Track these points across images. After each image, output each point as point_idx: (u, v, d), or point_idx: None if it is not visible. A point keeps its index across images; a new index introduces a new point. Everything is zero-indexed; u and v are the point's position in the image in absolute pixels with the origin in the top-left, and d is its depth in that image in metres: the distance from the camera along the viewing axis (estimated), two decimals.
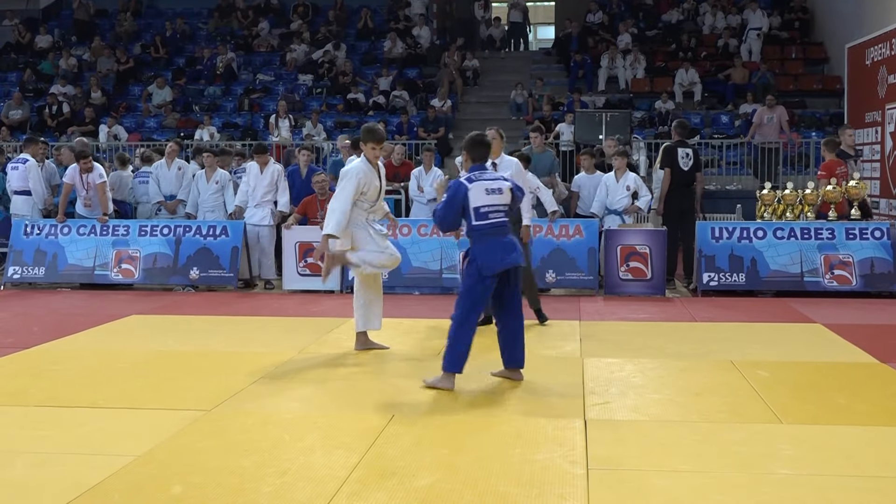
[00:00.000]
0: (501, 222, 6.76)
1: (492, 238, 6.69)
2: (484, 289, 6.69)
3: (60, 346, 8.41)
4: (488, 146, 7.15)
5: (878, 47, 15.00)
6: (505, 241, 6.73)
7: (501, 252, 6.66)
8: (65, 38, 25.43)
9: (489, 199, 6.73)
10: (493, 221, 6.72)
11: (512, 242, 6.77)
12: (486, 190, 6.74)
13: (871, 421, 5.87)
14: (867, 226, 11.47)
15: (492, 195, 6.74)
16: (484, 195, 6.72)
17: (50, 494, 4.55)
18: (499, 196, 6.77)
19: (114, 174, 13.60)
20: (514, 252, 6.72)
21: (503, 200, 6.79)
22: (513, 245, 6.75)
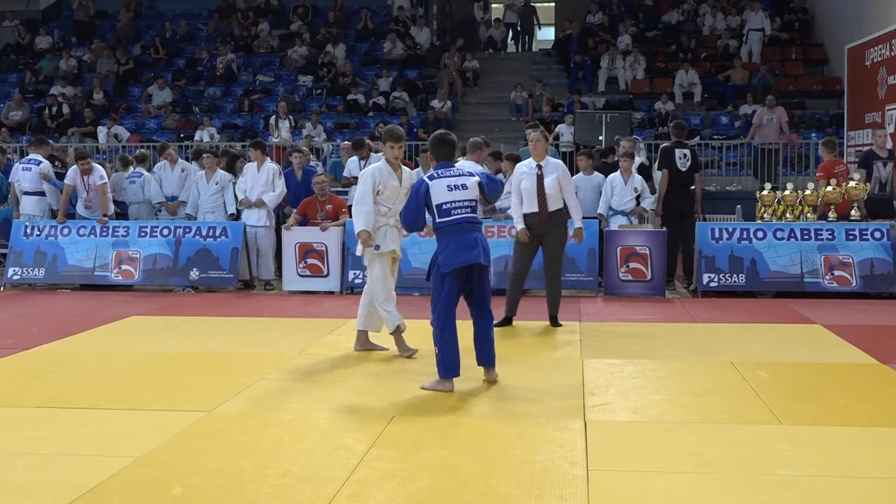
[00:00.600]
0: (465, 218, 6.71)
1: (453, 235, 6.68)
2: (449, 288, 6.68)
3: (60, 347, 8.40)
4: (451, 144, 7.07)
5: (878, 48, 15.00)
6: (467, 237, 6.67)
7: (459, 249, 6.63)
8: (65, 39, 25.44)
9: (451, 196, 6.71)
10: (456, 218, 6.70)
11: (473, 240, 6.68)
12: (448, 186, 6.74)
13: (871, 422, 5.87)
14: (867, 226, 11.47)
15: (454, 191, 6.73)
16: (445, 192, 6.73)
17: (50, 496, 4.55)
18: (462, 192, 6.74)
19: (115, 175, 13.61)
20: (474, 250, 6.64)
21: (467, 196, 6.75)
22: (474, 243, 6.66)
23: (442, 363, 6.65)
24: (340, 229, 11.92)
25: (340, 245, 11.90)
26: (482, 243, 6.74)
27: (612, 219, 11.92)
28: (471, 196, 6.77)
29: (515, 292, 9.28)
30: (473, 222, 6.76)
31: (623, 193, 11.90)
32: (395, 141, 7.63)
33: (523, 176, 9.03)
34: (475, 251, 6.63)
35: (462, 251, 6.63)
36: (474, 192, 6.79)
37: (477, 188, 6.80)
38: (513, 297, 9.29)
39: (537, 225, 9.02)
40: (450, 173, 6.83)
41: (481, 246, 6.70)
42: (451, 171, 6.87)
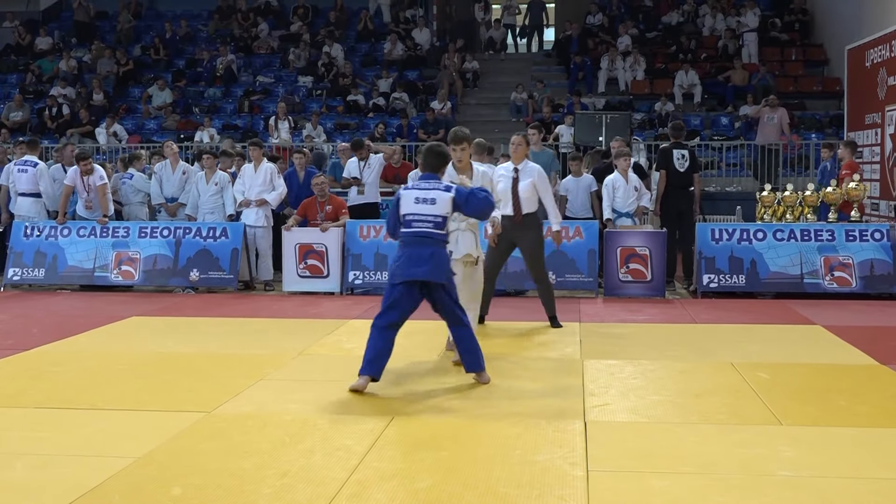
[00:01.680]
0: (423, 233, 6.66)
1: (408, 248, 6.68)
2: (393, 297, 6.69)
3: (60, 347, 8.40)
4: (440, 157, 6.98)
5: (878, 49, 14.99)
6: (420, 252, 6.63)
7: (408, 263, 6.63)
8: (65, 39, 25.44)
9: (416, 208, 6.68)
10: (415, 230, 6.67)
11: (423, 256, 6.61)
12: (416, 199, 6.71)
13: (871, 423, 5.87)
14: (867, 227, 11.48)
15: (420, 204, 6.68)
16: (412, 203, 6.71)
17: (50, 496, 4.54)
18: (429, 206, 6.67)
19: (116, 176, 13.61)
20: (423, 266, 6.59)
21: (433, 211, 6.66)
22: (424, 259, 6.60)
23: (364, 358, 6.68)
24: (340, 230, 11.92)
25: (340, 246, 11.90)
26: (436, 259, 6.64)
27: (617, 221, 11.86)
28: (437, 211, 6.66)
29: (487, 292, 9.00)
30: (432, 237, 6.66)
31: (627, 194, 11.82)
32: (456, 143, 7.53)
33: (500, 178, 8.90)
34: (423, 268, 6.59)
35: (410, 266, 6.63)
36: (444, 208, 6.67)
37: (449, 204, 6.68)
38: (484, 296, 9.15)
39: (511, 227, 8.85)
40: (424, 185, 6.78)
41: (433, 262, 6.61)
42: (428, 183, 6.79)
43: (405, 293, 6.67)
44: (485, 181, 7.59)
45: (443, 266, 6.69)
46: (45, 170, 13.10)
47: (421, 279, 6.62)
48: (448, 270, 6.76)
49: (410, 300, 6.71)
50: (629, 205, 11.83)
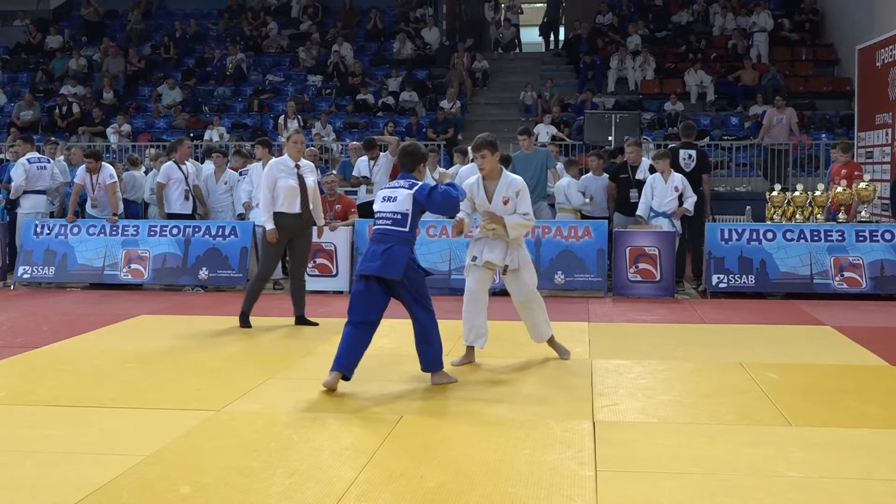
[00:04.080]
0: (383, 230, 6.75)
1: (370, 244, 6.80)
2: (356, 290, 6.81)
3: (70, 345, 8.43)
4: (409, 155, 6.94)
5: (889, 49, 14.95)
6: (375, 249, 6.71)
7: (365, 259, 6.76)
8: (75, 38, 25.52)
9: (381, 206, 6.83)
10: (378, 227, 6.80)
11: (377, 252, 6.66)
12: (383, 197, 6.86)
13: (881, 424, 5.85)
14: (877, 228, 11.44)
15: (384, 202, 6.81)
16: (380, 202, 6.87)
17: (59, 494, 4.55)
18: (391, 203, 6.77)
19: (126, 175, 13.65)
20: (374, 262, 6.64)
21: (393, 208, 6.74)
22: (378, 255, 6.64)
23: (335, 355, 6.74)
24: (349, 229, 11.93)
25: (349, 245, 11.91)
26: (388, 256, 6.64)
27: (653, 221, 11.80)
28: (398, 209, 6.73)
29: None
30: (390, 234, 6.71)
31: (664, 194, 11.76)
32: (476, 150, 7.35)
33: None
34: (374, 263, 6.65)
35: (365, 261, 6.76)
36: (404, 205, 6.73)
37: (409, 201, 6.72)
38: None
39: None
40: (394, 184, 6.92)
41: (385, 258, 6.63)
42: (398, 182, 6.90)
43: (364, 289, 6.73)
44: (510, 191, 7.31)
45: (395, 263, 6.64)
46: (53, 166, 13.16)
47: (371, 274, 6.66)
48: (404, 268, 6.65)
49: (371, 296, 6.72)
50: (666, 204, 11.73)
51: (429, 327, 6.82)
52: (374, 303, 6.74)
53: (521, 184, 7.40)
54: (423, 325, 6.81)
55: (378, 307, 6.77)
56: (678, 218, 11.76)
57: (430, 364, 6.86)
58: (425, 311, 6.81)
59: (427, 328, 6.81)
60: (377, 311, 6.78)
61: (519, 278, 7.46)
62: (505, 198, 7.30)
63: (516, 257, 7.40)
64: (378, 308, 6.77)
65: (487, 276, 7.52)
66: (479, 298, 7.48)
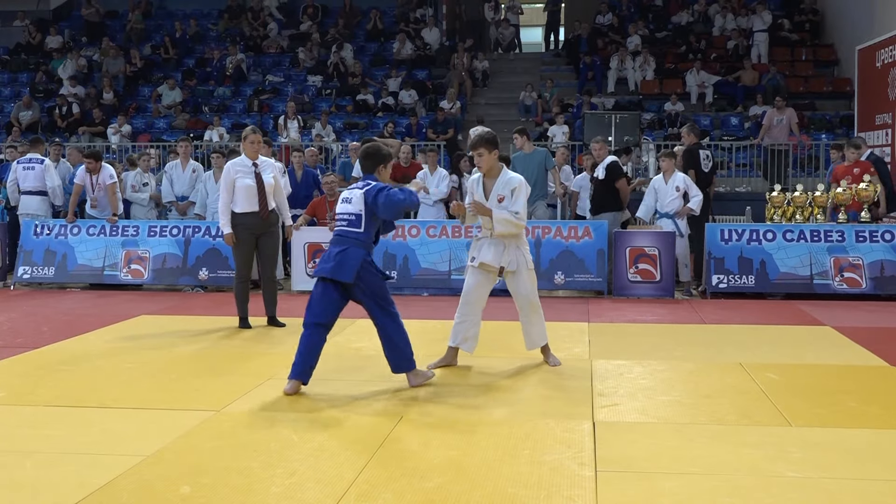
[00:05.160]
0: (340, 231, 6.76)
1: (329, 245, 6.84)
2: (314, 291, 6.81)
3: (69, 346, 8.43)
4: (369, 156, 6.88)
5: (889, 49, 14.96)
6: (330, 251, 6.74)
7: (321, 261, 6.78)
8: (75, 38, 25.52)
9: (340, 208, 6.84)
10: (336, 229, 6.82)
11: (332, 254, 6.68)
12: (343, 199, 6.86)
13: (880, 424, 5.85)
14: (877, 228, 11.45)
15: (343, 204, 6.82)
16: (340, 203, 6.87)
17: (59, 494, 4.55)
18: (347, 205, 6.78)
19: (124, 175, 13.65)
20: (328, 264, 6.66)
21: (349, 209, 6.75)
22: (331, 257, 6.67)
23: (293, 362, 6.75)
24: None
25: None
26: (340, 258, 6.64)
27: (658, 222, 11.79)
28: (352, 210, 6.74)
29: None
30: (346, 236, 6.73)
31: (665, 194, 11.75)
32: (472, 149, 7.29)
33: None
34: (327, 265, 6.67)
35: (321, 262, 6.78)
36: (358, 206, 6.72)
37: (362, 202, 6.71)
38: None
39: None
40: (354, 185, 6.91)
41: (337, 261, 6.64)
42: (358, 184, 6.89)
43: (321, 291, 6.74)
44: (506, 189, 7.23)
45: (348, 265, 6.63)
46: (51, 166, 13.14)
47: (325, 276, 6.68)
48: (358, 270, 6.62)
49: (327, 298, 6.72)
50: (668, 205, 11.71)
51: (391, 330, 6.77)
52: (329, 305, 6.73)
53: (519, 182, 7.28)
54: (385, 329, 6.77)
55: (333, 310, 6.76)
56: (683, 217, 11.73)
57: (399, 366, 6.81)
58: (386, 313, 6.76)
59: (389, 331, 6.77)
60: (332, 314, 6.77)
61: (518, 281, 7.38)
62: (500, 196, 7.23)
63: (514, 259, 7.31)
64: (333, 310, 6.76)
65: (486, 278, 7.40)
66: (472, 300, 7.40)
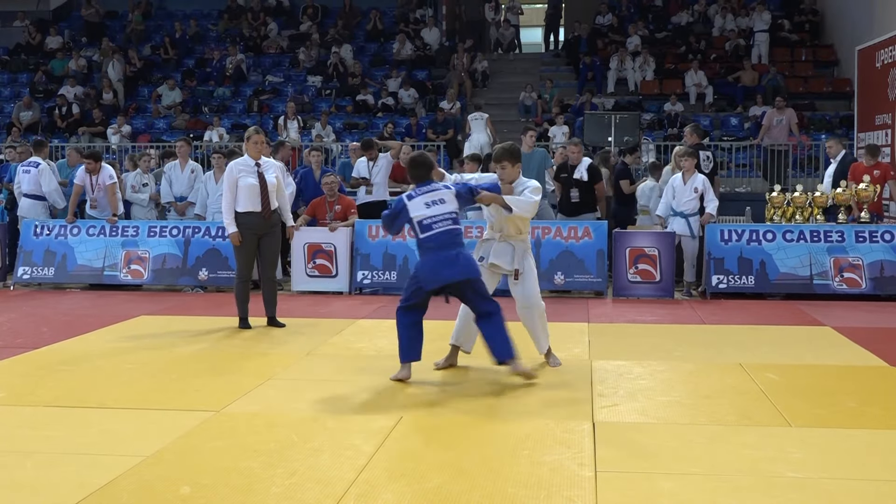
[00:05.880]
0: (448, 230, 6.79)
1: (433, 252, 6.78)
2: (420, 296, 6.91)
3: (69, 346, 8.43)
4: (425, 166, 7.02)
5: (889, 50, 14.95)
6: (447, 255, 6.75)
7: (438, 267, 6.75)
8: (75, 39, 25.52)
9: (430, 211, 6.79)
10: (439, 231, 6.78)
11: (453, 257, 6.74)
12: (426, 203, 6.82)
13: (880, 424, 5.85)
14: (877, 228, 11.44)
15: (433, 207, 6.81)
16: (424, 208, 6.81)
17: (59, 494, 4.55)
18: (441, 206, 6.81)
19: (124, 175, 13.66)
20: (453, 268, 6.72)
21: (446, 209, 6.81)
22: (453, 260, 6.73)
23: (400, 350, 6.95)
24: (349, 230, 11.93)
25: (349, 245, 11.91)
26: (462, 259, 6.78)
27: (672, 220, 11.79)
28: (450, 208, 6.83)
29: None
30: (454, 233, 6.81)
31: (683, 194, 11.74)
32: (496, 162, 7.33)
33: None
34: (454, 269, 6.73)
35: (441, 269, 6.75)
36: (452, 205, 6.85)
37: (454, 199, 6.86)
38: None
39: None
40: (426, 189, 6.90)
41: (461, 262, 6.76)
42: (428, 187, 6.91)
43: (430, 295, 6.89)
44: (519, 187, 7.31)
45: (471, 262, 6.89)
46: (46, 169, 13.11)
47: (455, 281, 6.77)
48: (476, 264, 6.96)
49: (436, 295, 6.94)
50: (684, 204, 11.67)
51: (501, 318, 6.91)
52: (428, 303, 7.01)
53: (536, 184, 7.40)
54: (496, 316, 6.88)
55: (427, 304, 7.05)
56: (706, 223, 11.62)
57: (509, 353, 6.88)
58: (492, 302, 6.93)
59: (500, 318, 6.90)
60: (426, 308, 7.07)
61: (525, 284, 7.42)
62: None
63: (523, 262, 7.39)
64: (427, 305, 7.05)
65: (490, 279, 7.40)
66: None
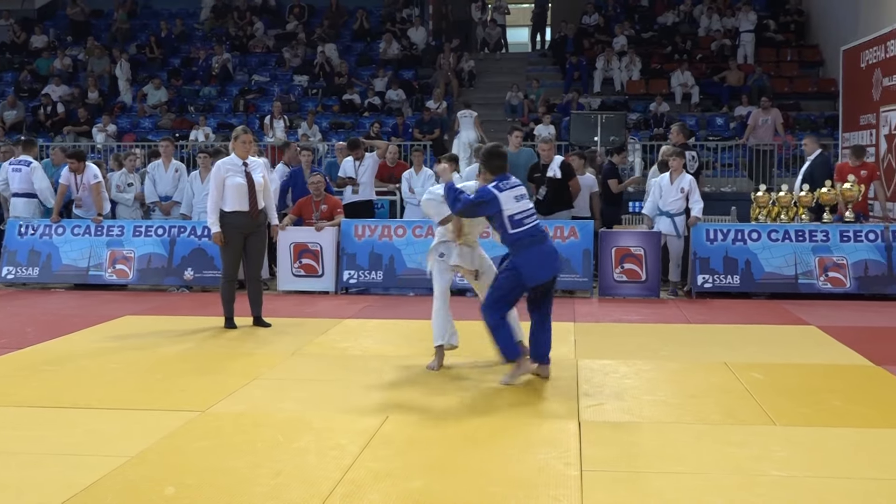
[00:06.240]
0: (538, 224, 6.92)
1: (536, 247, 6.82)
2: (519, 293, 6.96)
3: (54, 346, 8.39)
4: (502, 156, 7.03)
5: (873, 50, 15.01)
6: (549, 248, 6.93)
7: (544, 262, 6.84)
8: (60, 38, 25.41)
9: (520, 206, 6.85)
10: (531, 226, 6.85)
11: (553, 251, 6.96)
12: (515, 197, 6.86)
13: (864, 423, 5.87)
14: (861, 228, 11.49)
15: (522, 201, 6.88)
16: (515, 202, 6.84)
17: (43, 495, 4.54)
18: (527, 201, 6.95)
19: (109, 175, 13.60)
20: (556, 262, 7.00)
21: (530, 204, 6.99)
22: (555, 253, 6.98)
23: (505, 352, 6.94)
24: (335, 229, 11.91)
25: (335, 245, 11.89)
26: (557, 254, 7.09)
27: (658, 219, 11.81)
28: (531, 203, 7.06)
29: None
30: (542, 229, 7.01)
31: (669, 194, 11.74)
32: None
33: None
34: (556, 263, 7.01)
35: (547, 263, 6.88)
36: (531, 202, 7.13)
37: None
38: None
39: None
40: (512, 183, 6.93)
41: (558, 258, 7.07)
42: (511, 181, 6.94)
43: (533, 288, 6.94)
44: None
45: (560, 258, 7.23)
46: (38, 167, 13.06)
47: (555, 275, 7.03)
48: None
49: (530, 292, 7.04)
50: (670, 204, 11.67)
51: (550, 321, 7.13)
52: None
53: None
54: (549, 319, 7.10)
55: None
56: (693, 226, 11.62)
57: (546, 356, 7.09)
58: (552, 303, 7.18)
59: (550, 322, 7.12)
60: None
61: (488, 281, 7.44)
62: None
63: (482, 262, 7.47)
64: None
65: (448, 275, 7.47)
66: (448, 297, 7.49)
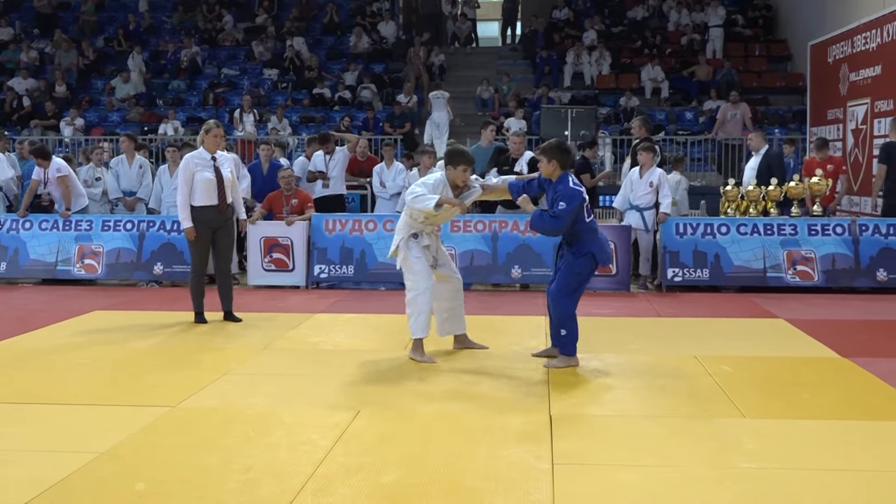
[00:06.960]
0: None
1: (598, 232, 7.28)
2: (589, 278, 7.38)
3: (22, 342, 8.31)
4: (570, 152, 7.41)
5: (841, 45, 15.15)
6: (602, 234, 7.42)
7: (607, 245, 7.47)
8: (26, 30, 25.14)
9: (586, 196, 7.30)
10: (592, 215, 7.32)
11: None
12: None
13: (832, 415, 5.93)
14: (829, 222, 11.58)
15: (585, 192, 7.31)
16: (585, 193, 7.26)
17: (11, 492, 4.49)
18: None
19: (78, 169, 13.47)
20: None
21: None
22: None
23: (572, 342, 7.23)
24: (306, 224, 11.87)
25: (306, 239, 11.85)
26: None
27: (627, 213, 11.83)
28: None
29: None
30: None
31: (639, 188, 11.74)
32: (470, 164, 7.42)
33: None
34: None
35: (607, 247, 7.53)
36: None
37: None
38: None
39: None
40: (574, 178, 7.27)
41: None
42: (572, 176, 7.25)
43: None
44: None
45: None
46: (2, 159, 12.91)
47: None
48: None
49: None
50: (639, 198, 11.69)
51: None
52: None
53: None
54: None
55: None
56: (661, 222, 11.65)
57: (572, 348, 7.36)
58: None
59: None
60: None
61: (450, 267, 7.79)
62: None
63: (444, 251, 7.77)
64: None
65: (429, 257, 7.57)
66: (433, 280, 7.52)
